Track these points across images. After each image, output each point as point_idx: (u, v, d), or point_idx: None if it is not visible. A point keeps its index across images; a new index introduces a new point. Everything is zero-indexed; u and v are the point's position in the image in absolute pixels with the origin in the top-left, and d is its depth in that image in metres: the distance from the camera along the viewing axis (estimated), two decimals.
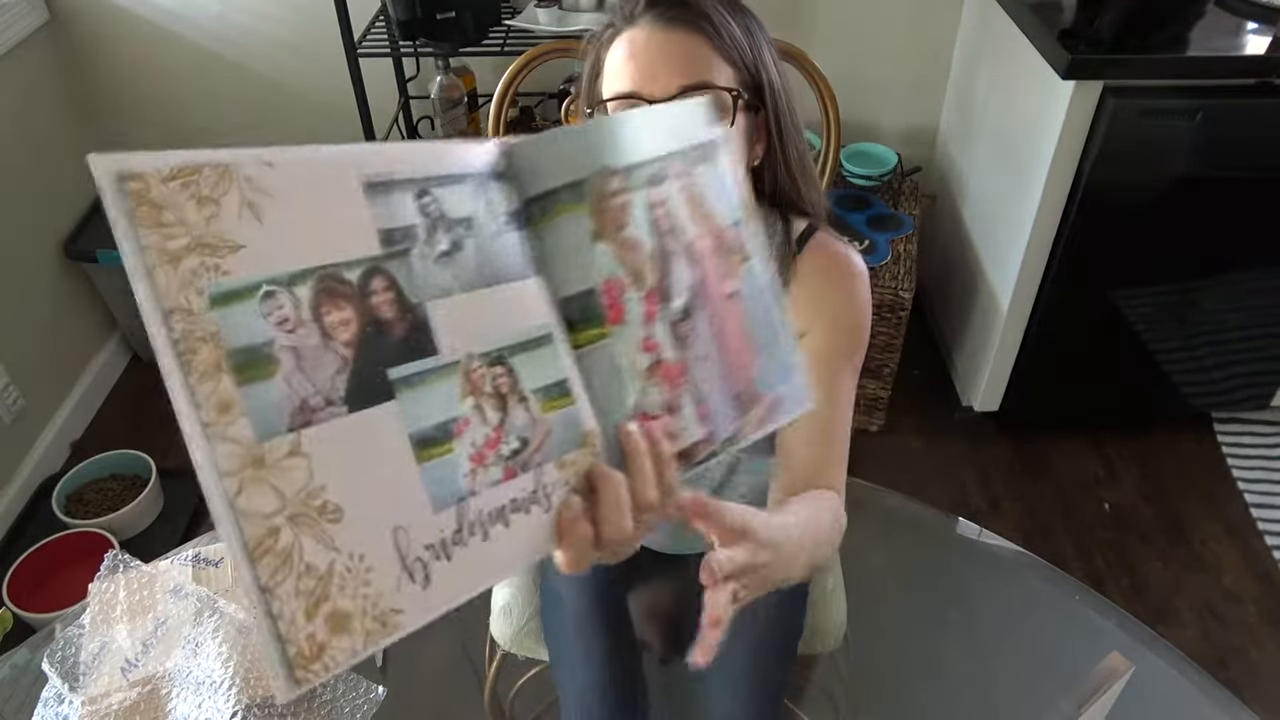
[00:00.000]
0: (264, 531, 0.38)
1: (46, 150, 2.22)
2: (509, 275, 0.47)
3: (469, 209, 0.46)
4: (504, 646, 1.08)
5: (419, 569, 0.42)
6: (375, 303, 0.42)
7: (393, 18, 1.89)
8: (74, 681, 0.94)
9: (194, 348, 0.38)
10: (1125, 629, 1.02)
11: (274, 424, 0.39)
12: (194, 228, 0.38)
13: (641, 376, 0.50)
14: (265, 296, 0.39)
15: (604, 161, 0.49)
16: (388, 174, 0.43)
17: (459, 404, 0.44)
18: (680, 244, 0.52)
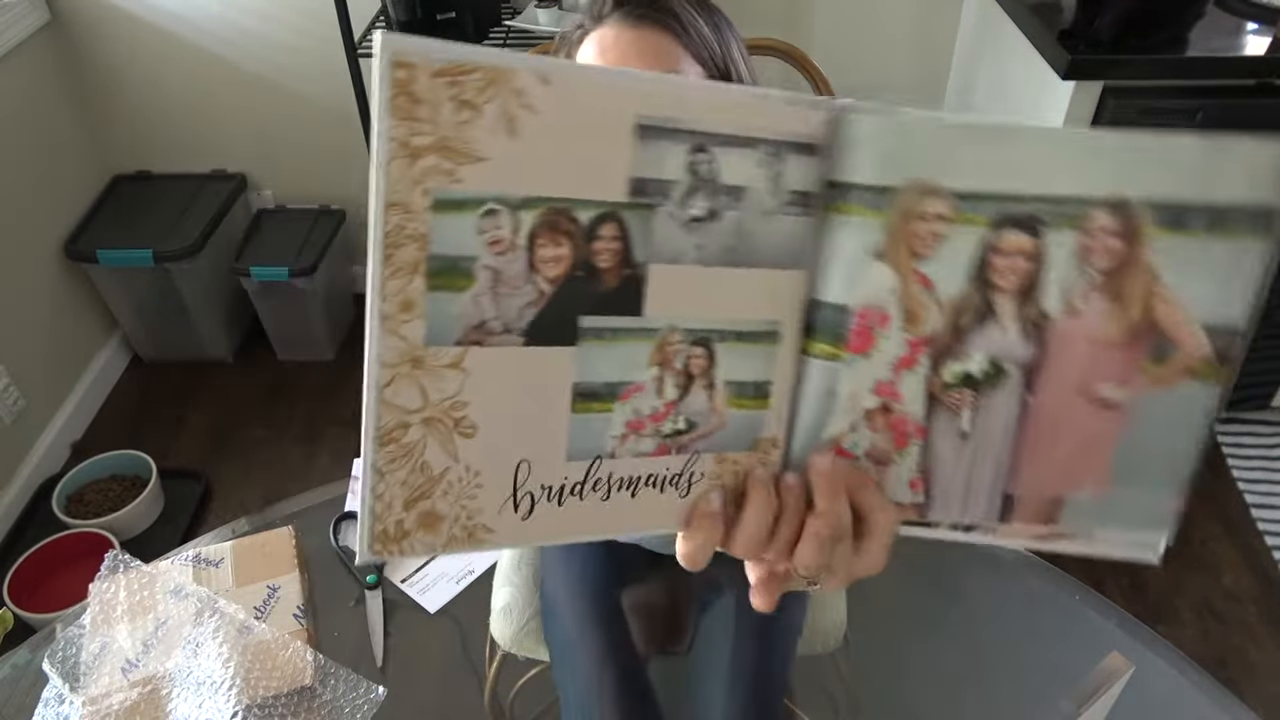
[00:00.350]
0: (397, 423, 0.39)
1: (46, 150, 2.22)
2: (760, 260, 0.42)
3: (747, 178, 0.41)
4: (504, 647, 1.08)
5: (526, 502, 0.42)
6: (596, 248, 0.40)
7: (393, 18, 1.89)
8: (75, 681, 0.94)
9: (400, 243, 0.37)
10: (1125, 629, 1.02)
11: (446, 334, 0.38)
12: (443, 128, 0.36)
13: (856, 413, 0.44)
14: (487, 213, 0.38)
15: (929, 175, 0.40)
16: (667, 120, 0.39)
17: (639, 370, 0.42)
18: (1025, 308, 0.42)
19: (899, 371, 0.43)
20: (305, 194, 2.49)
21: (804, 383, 0.44)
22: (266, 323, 2.42)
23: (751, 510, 0.45)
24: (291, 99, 2.35)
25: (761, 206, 0.41)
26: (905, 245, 0.41)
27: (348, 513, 1.17)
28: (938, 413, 0.44)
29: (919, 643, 1.09)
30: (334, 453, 2.21)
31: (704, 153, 0.40)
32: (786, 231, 0.42)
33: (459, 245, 0.38)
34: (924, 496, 0.45)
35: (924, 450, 0.44)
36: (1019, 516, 0.45)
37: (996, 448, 0.44)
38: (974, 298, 0.42)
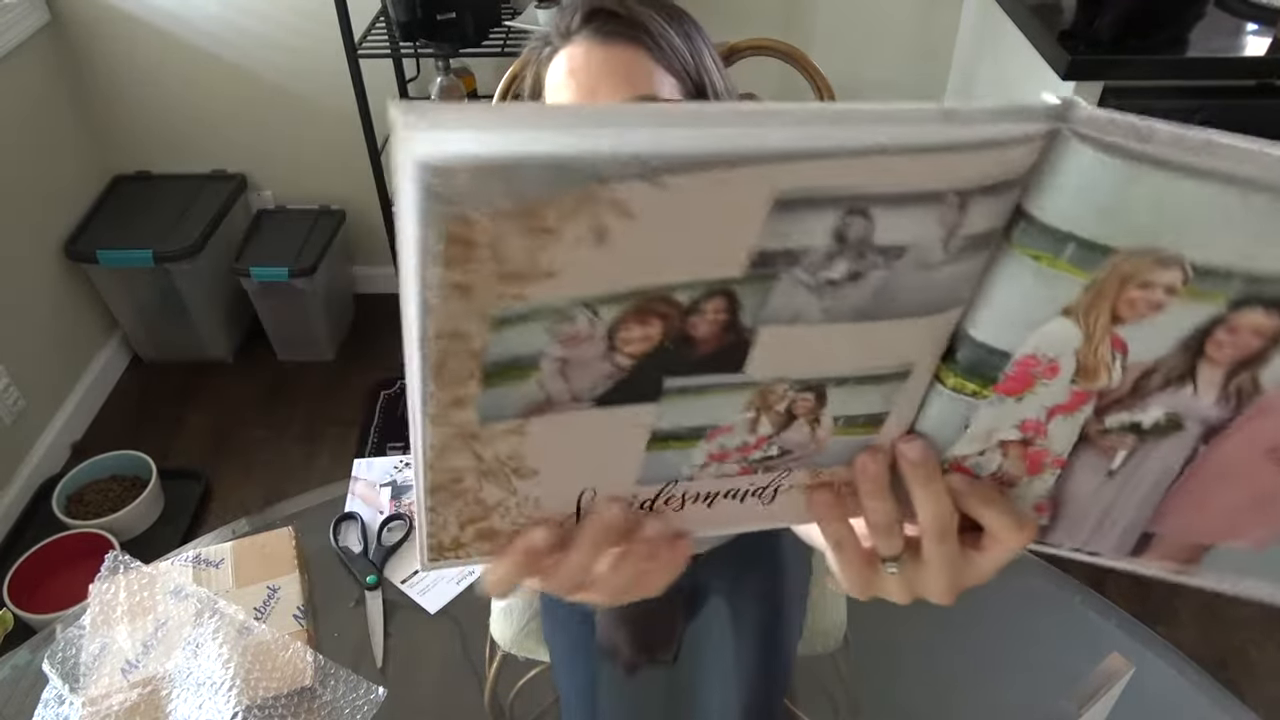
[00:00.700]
0: (449, 479, 0.36)
1: (47, 150, 2.22)
2: (904, 310, 0.34)
3: (911, 237, 0.31)
4: (504, 647, 1.08)
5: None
6: (694, 321, 0.32)
7: (393, 19, 1.89)
8: (74, 682, 0.94)
9: (448, 364, 0.32)
10: (1125, 629, 1.02)
11: (503, 412, 0.34)
12: (507, 262, 0.28)
13: (990, 443, 0.38)
14: (559, 318, 0.31)
15: (1174, 245, 0.31)
16: (814, 190, 0.29)
17: (732, 414, 0.36)
18: (1234, 378, 0.35)
19: (1052, 415, 0.37)
20: (305, 194, 2.49)
21: (930, 405, 0.38)
22: (266, 323, 2.42)
23: (877, 504, 0.41)
24: (291, 99, 2.35)
25: (925, 260, 0.32)
26: (1106, 308, 0.33)
27: (348, 513, 1.17)
28: (1085, 451, 0.38)
29: (919, 643, 1.09)
30: (334, 453, 2.21)
31: (862, 216, 0.30)
32: (947, 279, 0.33)
33: (521, 347, 0.32)
34: (1048, 520, 0.41)
35: (1059, 480, 0.39)
36: (1153, 554, 0.41)
37: (1147, 489, 0.39)
38: (1174, 364, 0.35)
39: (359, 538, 1.14)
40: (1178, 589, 1.84)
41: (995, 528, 0.40)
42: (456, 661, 1.09)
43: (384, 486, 1.22)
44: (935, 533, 0.40)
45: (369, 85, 1.92)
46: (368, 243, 2.56)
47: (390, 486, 1.22)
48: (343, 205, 2.48)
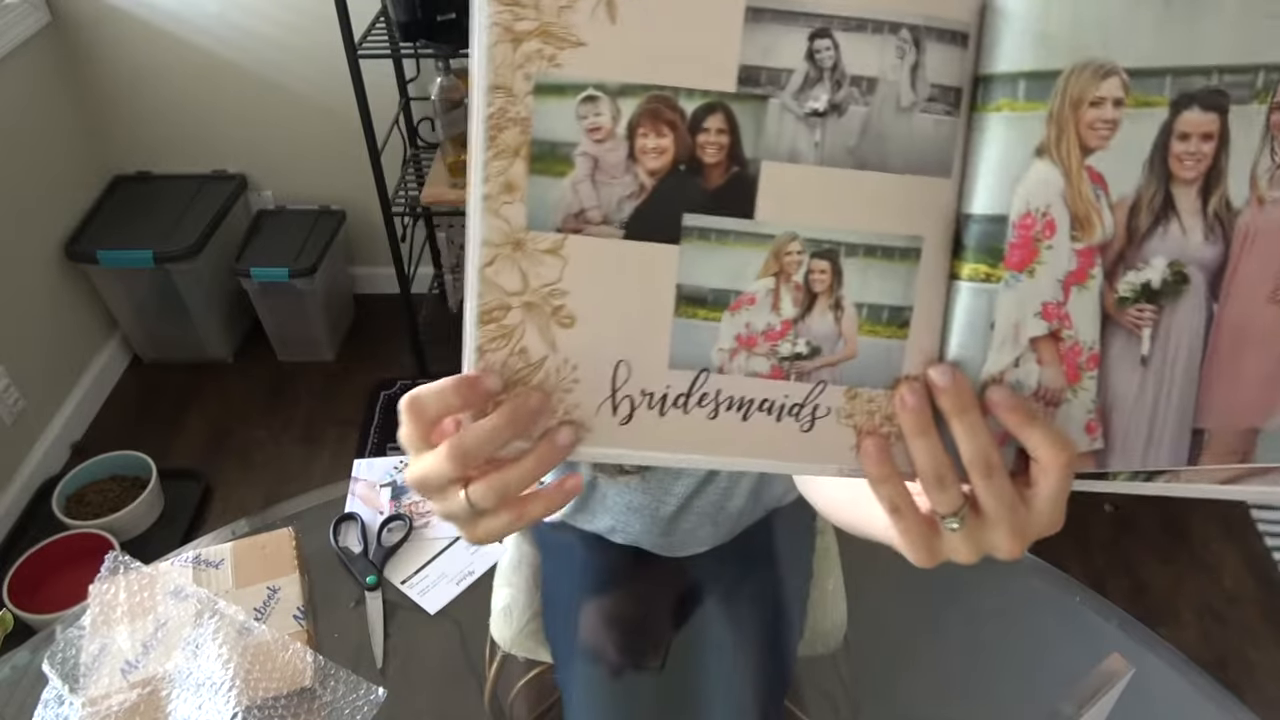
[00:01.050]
0: (497, 304, 0.39)
1: (47, 151, 2.22)
2: (895, 163, 0.38)
3: (877, 69, 0.37)
4: (504, 648, 1.08)
5: (625, 405, 0.40)
6: (701, 141, 0.37)
7: (393, 19, 1.89)
8: (74, 683, 0.94)
9: (503, 125, 0.37)
10: (1125, 630, 1.02)
11: (546, 219, 0.38)
12: (545, 13, 0.36)
13: (1021, 345, 0.38)
14: (586, 99, 0.37)
15: (1105, 54, 0.35)
16: (782, 3, 0.36)
17: (752, 280, 0.39)
18: (1209, 201, 0.37)
19: (1068, 289, 0.38)
20: (305, 194, 2.49)
21: (954, 311, 0.39)
22: (266, 323, 2.42)
23: (922, 446, 0.39)
24: (291, 99, 2.35)
25: (896, 102, 0.37)
26: (1075, 137, 0.36)
27: (348, 514, 1.17)
28: (1113, 335, 0.39)
29: (919, 643, 1.09)
30: (334, 453, 2.21)
31: (825, 38, 0.36)
32: (928, 133, 0.37)
33: (559, 130, 0.37)
34: (1103, 442, 0.40)
35: (1100, 384, 0.39)
36: (1210, 455, 0.40)
37: (1182, 372, 0.39)
38: (1151, 193, 0.37)
39: (359, 538, 1.14)
40: (1178, 590, 1.84)
41: (1038, 447, 0.39)
42: (456, 662, 1.09)
43: (384, 487, 1.22)
44: (981, 468, 0.39)
45: (369, 86, 1.91)
46: (368, 243, 2.56)
47: (390, 487, 1.22)
48: (343, 205, 2.48)
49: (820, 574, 1.11)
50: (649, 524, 1.02)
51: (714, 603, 1.05)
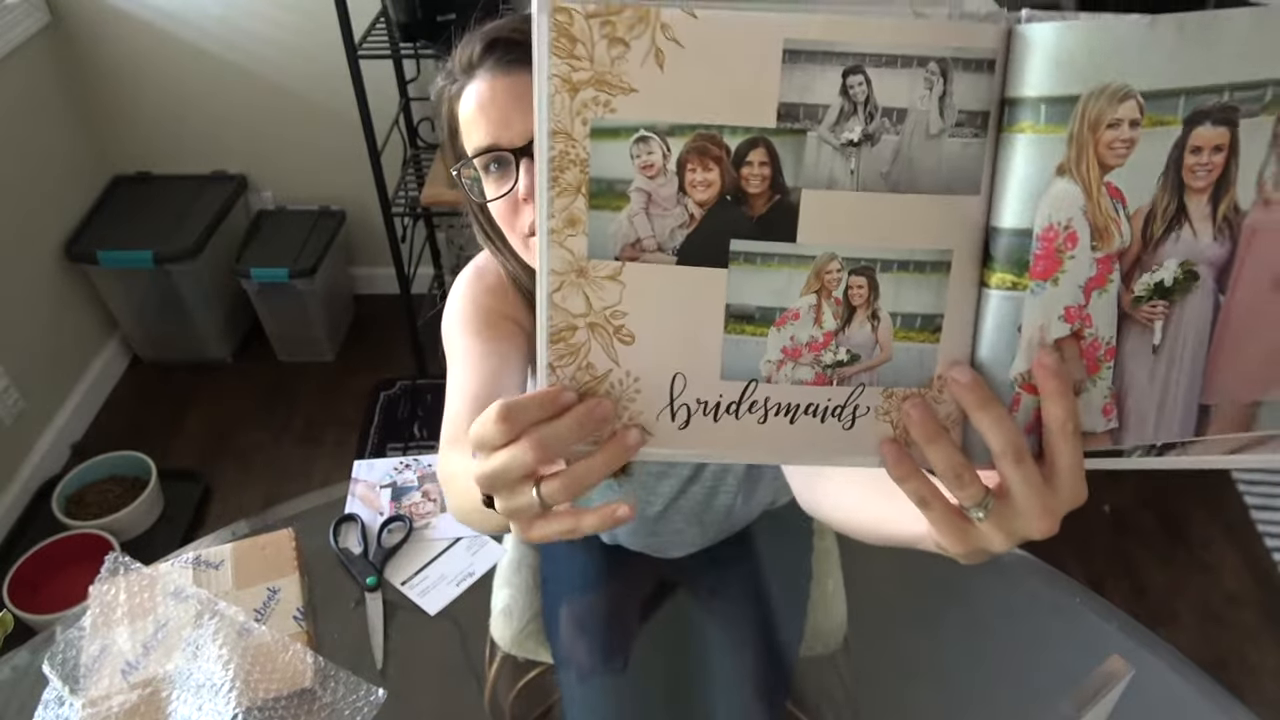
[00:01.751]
0: (565, 325, 0.43)
1: (47, 151, 2.22)
2: (926, 185, 0.41)
3: (907, 100, 0.40)
4: (504, 648, 1.08)
5: (683, 412, 0.44)
6: (745, 174, 0.41)
7: (393, 19, 1.89)
8: (74, 684, 0.94)
9: (564, 166, 0.41)
10: (1125, 631, 1.02)
11: (605, 249, 0.42)
12: (599, 64, 0.40)
13: (1041, 345, 0.42)
14: (639, 140, 0.41)
15: (1122, 79, 0.38)
16: (815, 43, 0.39)
17: (796, 298, 0.42)
18: (1219, 206, 0.40)
19: (1089, 294, 0.41)
20: (305, 195, 2.49)
21: (984, 317, 0.42)
22: (266, 324, 2.42)
23: (936, 450, 0.43)
24: (291, 99, 2.35)
25: (926, 129, 0.40)
26: (1094, 157, 0.39)
27: (348, 515, 1.17)
28: (1129, 330, 0.42)
29: (919, 643, 1.09)
30: (334, 454, 2.21)
31: (858, 74, 0.40)
32: (956, 155, 0.41)
33: (615, 168, 0.41)
34: (1118, 421, 0.43)
35: (1117, 372, 0.42)
36: (1214, 427, 0.44)
37: (1190, 356, 0.42)
38: (1165, 202, 0.40)
39: (359, 539, 1.14)
40: (1178, 591, 1.84)
41: (1051, 414, 0.41)
42: (456, 662, 1.09)
43: (384, 488, 1.22)
44: (1011, 456, 0.41)
45: (369, 86, 1.91)
46: (368, 243, 2.56)
47: (390, 488, 1.22)
48: (343, 206, 2.48)
49: (820, 574, 1.11)
50: (636, 523, 1.02)
51: (712, 604, 1.05)
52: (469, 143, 0.75)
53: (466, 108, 0.74)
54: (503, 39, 0.72)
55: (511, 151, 0.71)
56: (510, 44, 0.72)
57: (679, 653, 1.03)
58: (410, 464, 1.25)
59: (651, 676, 1.01)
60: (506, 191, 0.73)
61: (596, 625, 1.02)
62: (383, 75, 2.18)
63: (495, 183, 0.74)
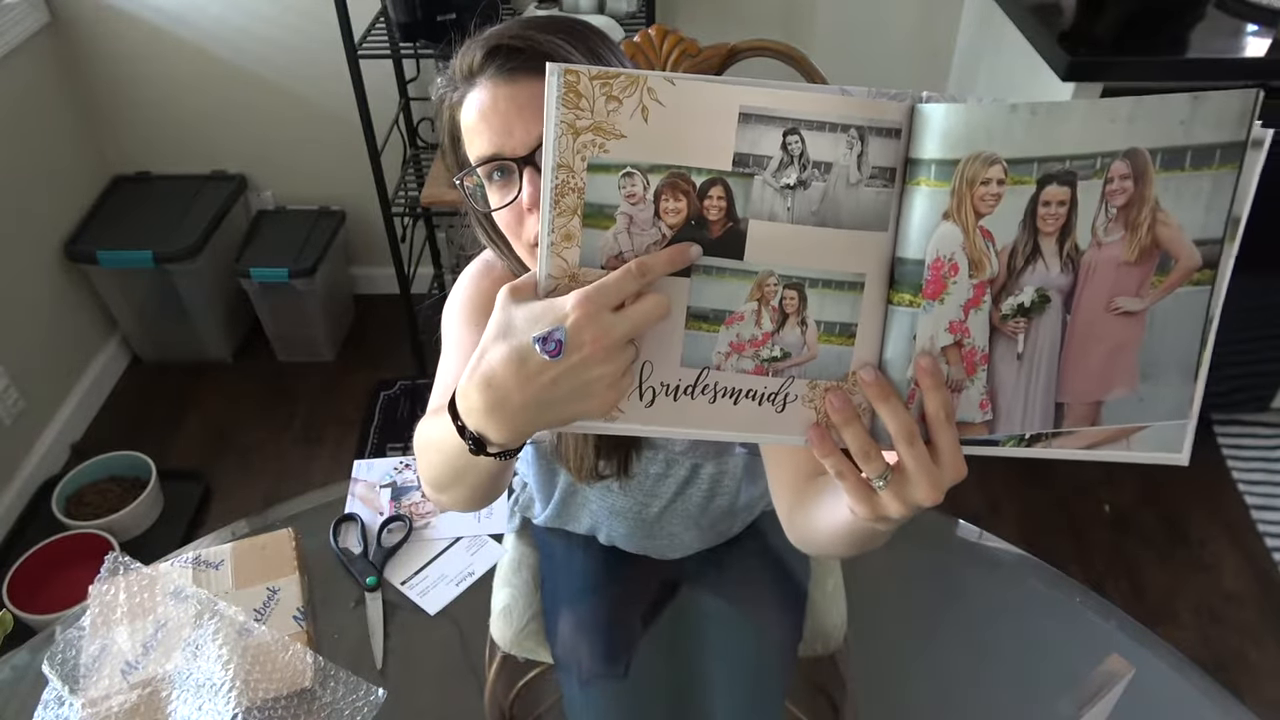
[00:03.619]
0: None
1: (47, 151, 2.22)
2: (845, 222, 0.52)
3: (832, 156, 0.51)
4: (504, 648, 1.08)
5: (649, 393, 0.54)
6: (706, 204, 0.52)
7: (393, 19, 1.89)
8: (74, 683, 0.94)
9: (565, 193, 0.52)
10: (1125, 631, 1.02)
11: (594, 259, 0.53)
12: (597, 115, 0.51)
13: (935, 351, 0.52)
14: (625, 174, 0.51)
15: (990, 149, 0.49)
16: (763, 109, 0.50)
17: (741, 303, 0.53)
18: (1064, 246, 0.51)
19: (967, 311, 0.52)
20: (305, 195, 2.49)
21: (889, 328, 0.53)
22: (266, 323, 2.42)
23: (849, 432, 0.53)
24: (291, 99, 2.35)
25: (847, 179, 0.51)
26: (970, 206, 0.50)
27: (347, 515, 1.17)
28: (998, 341, 0.53)
29: (919, 643, 1.09)
30: (334, 454, 2.21)
31: (795, 135, 0.51)
32: (870, 200, 0.52)
33: (605, 196, 0.52)
34: (991, 414, 0.54)
35: (989, 374, 0.53)
36: (1069, 422, 0.54)
37: (1046, 364, 0.53)
38: (1024, 242, 0.51)
39: (359, 539, 1.14)
40: (1177, 591, 1.84)
41: (929, 405, 0.52)
42: (456, 662, 1.09)
43: (384, 488, 1.22)
44: (905, 438, 0.52)
45: (369, 86, 1.91)
46: (368, 243, 2.56)
47: (390, 488, 1.22)
48: (343, 206, 2.48)
49: (820, 574, 1.11)
50: (633, 526, 1.02)
51: (711, 604, 1.05)
52: (471, 151, 0.74)
53: (468, 116, 0.73)
54: (504, 46, 0.72)
55: (514, 160, 0.71)
56: (511, 51, 0.71)
57: (679, 654, 1.03)
58: (410, 464, 1.25)
59: (652, 679, 1.01)
60: (510, 200, 0.72)
61: (598, 629, 1.02)
62: (383, 75, 2.18)
63: (499, 191, 0.73)
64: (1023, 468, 2.11)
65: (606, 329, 0.51)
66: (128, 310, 2.36)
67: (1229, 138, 0.51)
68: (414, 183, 2.24)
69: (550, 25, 0.74)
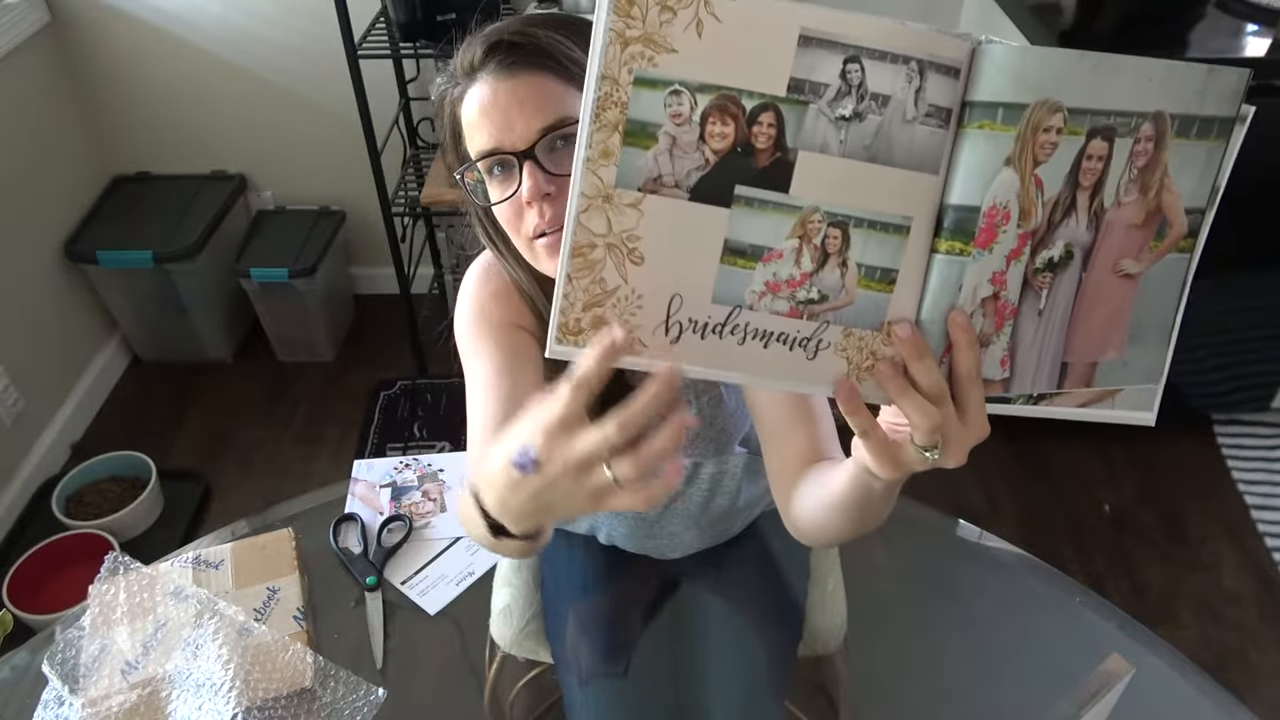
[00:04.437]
0: (587, 242, 0.50)
1: (47, 150, 2.22)
2: (898, 160, 0.49)
3: (891, 89, 0.48)
4: (504, 648, 1.08)
5: (675, 329, 0.51)
6: (755, 131, 0.49)
7: (393, 19, 1.89)
8: (74, 683, 0.94)
9: (606, 106, 0.48)
10: (1125, 631, 1.02)
11: (630, 180, 0.49)
12: (649, 25, 0.47)
13: (976, 302, 0.51)
14: (673, 92, 0.48)
15: (1057, 96, 0.49)
16: (825, 33, 0.48)
17: (782, 239, 0.50)
18: (1094, 203, 0.51)
19: (1009, 262, 0.51)
20: (305, 195, 2.49)
21: (931, 276, 0.51)
22: (266, 323, 2.42)
23: (920, 367, 0.51)
24: (291, 99, 2.35)
25: (903, 115, 0.49)
26: (1029, 153, 0.49)
27: (347, 514, 1.17)
28: (1026, 294, 0.52)
29: (919, 643, 1.09)
30: (334, 454, 2.21)
31: (856, 63, 0.48)
32: (924, 139, 0.49)
33: (649, 112, 0.48)
34: (1009, 372, 0.53)
35: (1013, 330, 0.52)
36: (1069, 383, 0.54)
37: (1059, 322, 0.53)
38: (1065, 195, 0.51)
39: (359, 539, 1.14)
40: (1178, 590, 1.84)
41: (962, 363, 0.51)
42: (456, 662, 1.09)
43: (384, 488, 1.22)
44: (936, 396, 0.51)
45: (369, 86, 1.91)
46: (368, 243, 2.56)
47: (390, 488, 1.22)
48: (343, 206, 2.48)
49: (820, 574, 1.11)
50: (633, 526, 1.02)
51: (711, 604, 1.05)
52: (472, 146, 0.74)
53: (469, 111, 0.74)
54: (505, 42, 0.72)
55: (514, 154, 0.71)
56: (512, 47, 0.72)
57: (679, 654, 1.03)
58: (410, 464, 1.25)
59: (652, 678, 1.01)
60: (510, 194, 0.73)
61: (598, 628, 1.02)
62: (383, 75, 2.18)
63: (499, 186, 0.74)
64: (1022, 467, 2.11)
65: (566, 452, 0.49)
66: (128, 310, 2.36)
67: (1227, 112, 0.52)
68: (414, 183, 2.24)
69: (551, 22, 0.75)
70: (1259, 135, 0.54)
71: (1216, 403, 2.14)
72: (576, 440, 0.49)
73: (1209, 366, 2.03)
